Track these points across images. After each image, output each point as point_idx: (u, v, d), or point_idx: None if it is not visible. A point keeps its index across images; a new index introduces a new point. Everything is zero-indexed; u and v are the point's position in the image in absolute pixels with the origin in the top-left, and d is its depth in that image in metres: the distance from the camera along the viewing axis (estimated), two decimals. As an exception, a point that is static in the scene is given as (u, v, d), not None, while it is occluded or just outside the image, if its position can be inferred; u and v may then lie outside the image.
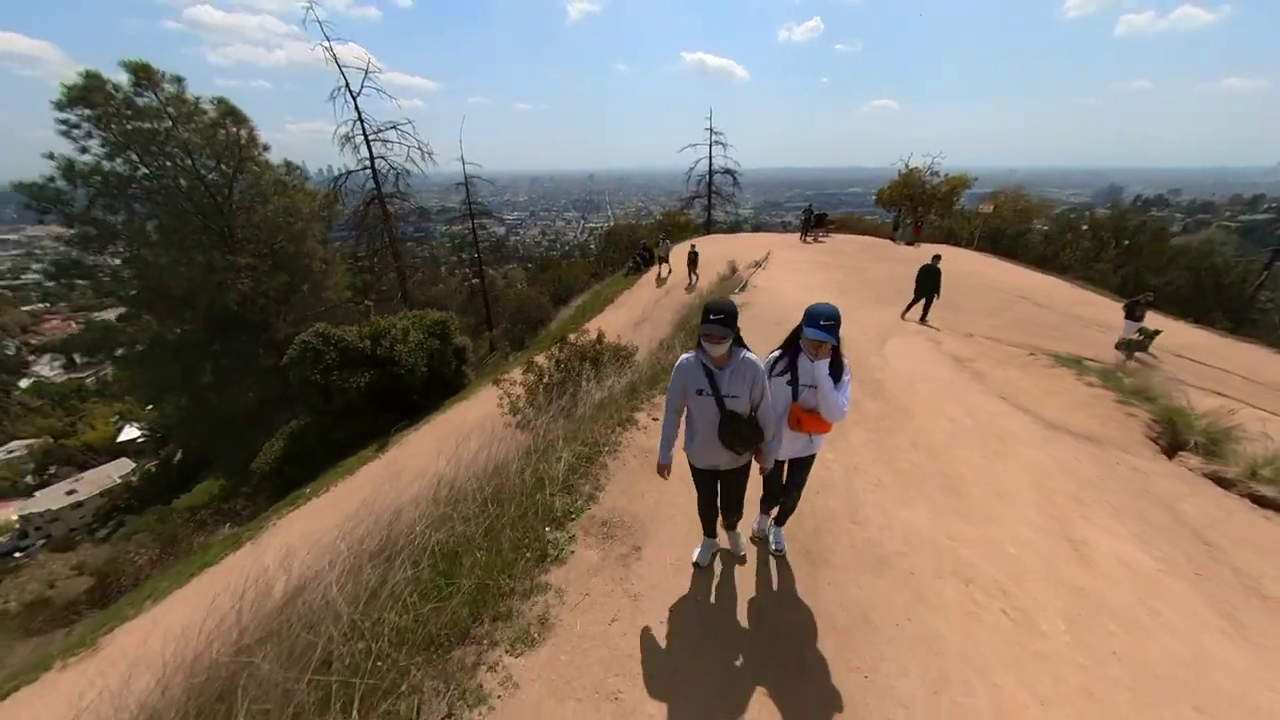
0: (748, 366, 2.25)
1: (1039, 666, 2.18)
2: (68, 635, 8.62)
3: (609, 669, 2.02)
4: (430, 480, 3.58)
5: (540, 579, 2.49)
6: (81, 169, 12.94)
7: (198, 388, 15.99)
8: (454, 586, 2.40)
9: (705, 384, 2.29)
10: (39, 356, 77.11)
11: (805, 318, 2.33)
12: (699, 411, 2.38)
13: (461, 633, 2.17)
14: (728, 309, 2.18)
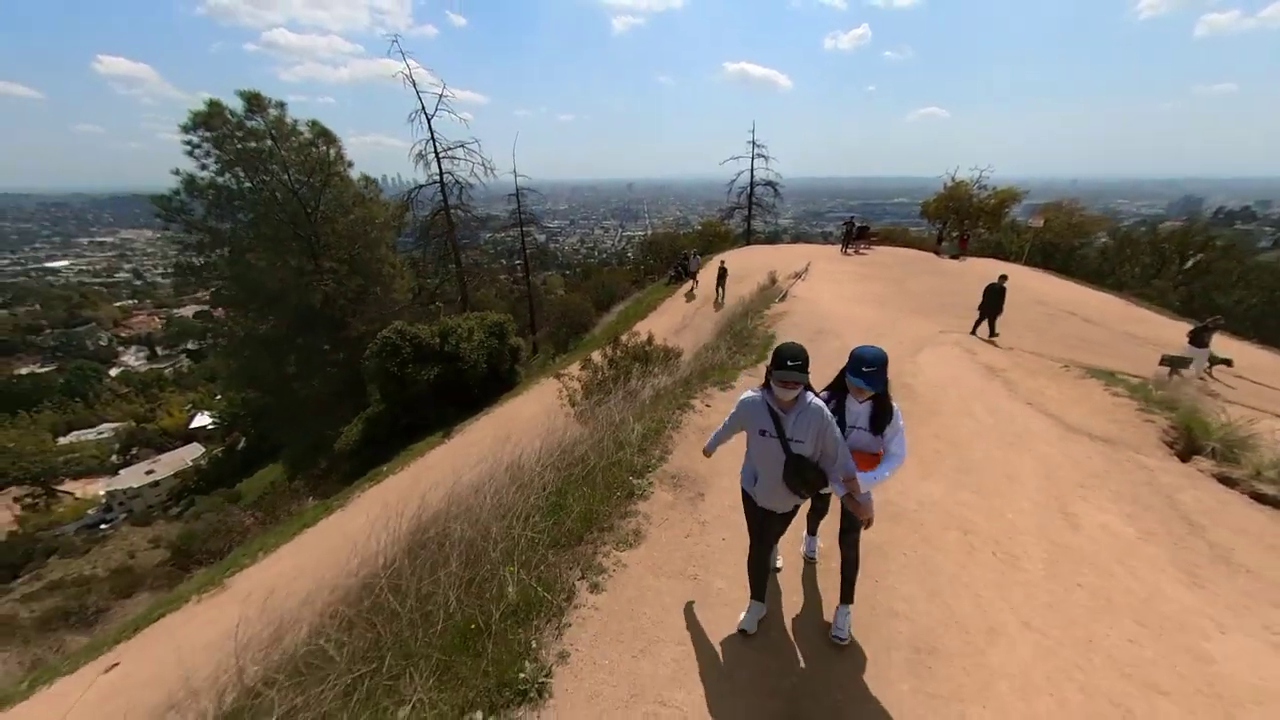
0: (814, 412, 2.20)
1: (1016, 589, 2.84)
2: (186, 581, 10.13)
3: (688, 562, 2.84)
4: (528, 449, 4.51)
5: (630, 508, 3.33)
6: (200, 184, 15.04)
7: (283, 377, 17.89)
8: (566, 511, 3.26)
9: (770, 426, 2.26)
10: (127, 347, 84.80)
11: (849, 362, 2.34)
12: (761, 452, 2.34)
13: (578, 538, 3.03)
14: (804, 355, 2.15)
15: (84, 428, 61.28)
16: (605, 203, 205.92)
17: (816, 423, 2.21)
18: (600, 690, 2.07)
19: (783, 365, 2.13)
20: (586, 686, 2.09)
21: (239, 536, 9.98)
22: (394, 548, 3.02)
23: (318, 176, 16.39)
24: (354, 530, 9.13)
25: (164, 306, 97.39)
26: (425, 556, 2.78)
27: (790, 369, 2.11)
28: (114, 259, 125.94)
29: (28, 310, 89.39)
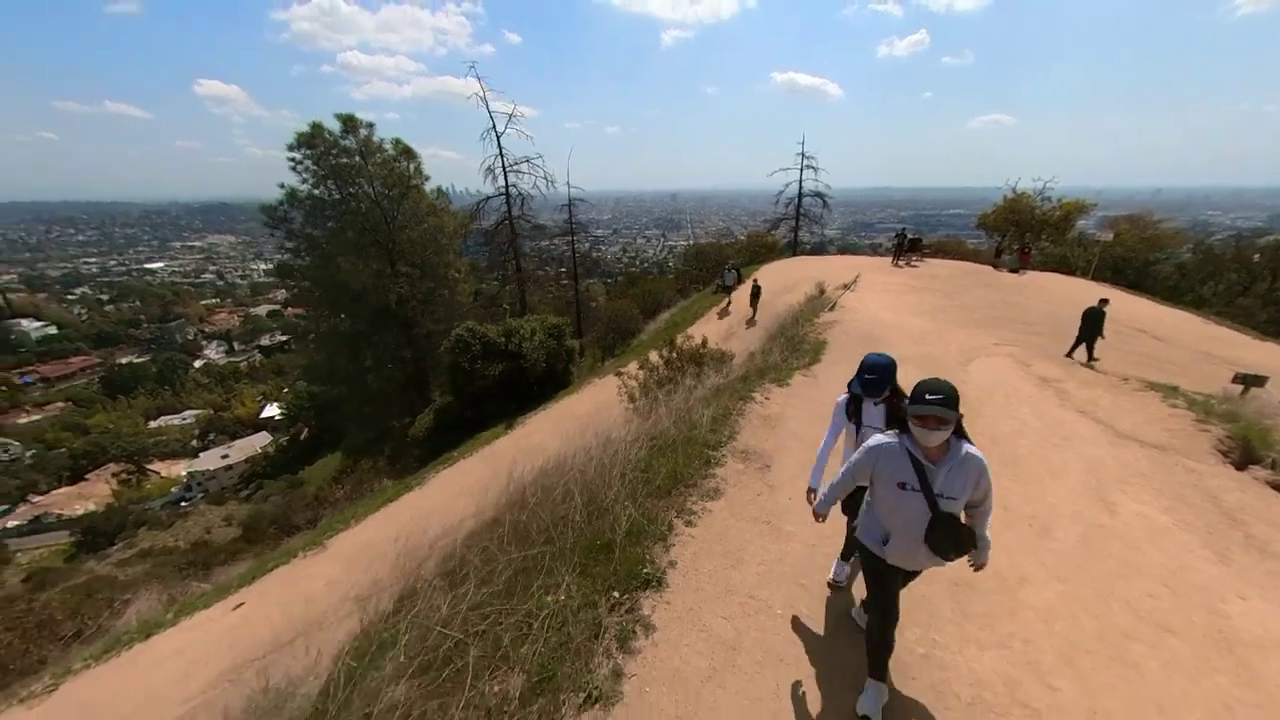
0: (972, 464, 1.95)
1: (1047, 553, 3.28)
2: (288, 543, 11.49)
3: (761, 512, 3.45)
4: (613, 429, 5.23)
5: (708, 472, 3.97)
6: (299, 195, 16.99)
7: (359, 370, 19.65)
8: (655, 473, 3.94)
9: (912, 478, 1.99)
10: (209, 342, 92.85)
11: (859, 368, 2.50)
12: (896, 507, 2.06)
13: (667, 492, 3.70)
14: (948, 390, 1.89)
15: (170, 413, 67.59)
16: (648, 212, 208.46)
17: (974, 473, 1.94)
18: (703, 586, 2.71)
19: (920, 400, 1.86)
20: (693, 583, 2.73)
21: (330, 507, 11.28)
22: (520, 492, 3.78)
23: (398, 189, 18.11)
24: (429, 507, 10.19)
25: (242, 305, 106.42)
26: (551, 496, 3.53)
27: (930, 403, 1.84)
28: (201, 261, 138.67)
29: (129, 306, 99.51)
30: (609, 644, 2.26)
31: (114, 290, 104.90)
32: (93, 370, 78.06)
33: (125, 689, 6.55)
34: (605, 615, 2.42)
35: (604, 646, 2.25)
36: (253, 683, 4.08)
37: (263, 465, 45.27)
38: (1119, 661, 2.42)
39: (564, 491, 3.42)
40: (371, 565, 7.39)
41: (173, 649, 7.36)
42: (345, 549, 9.06)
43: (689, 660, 2.28)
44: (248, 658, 6.40)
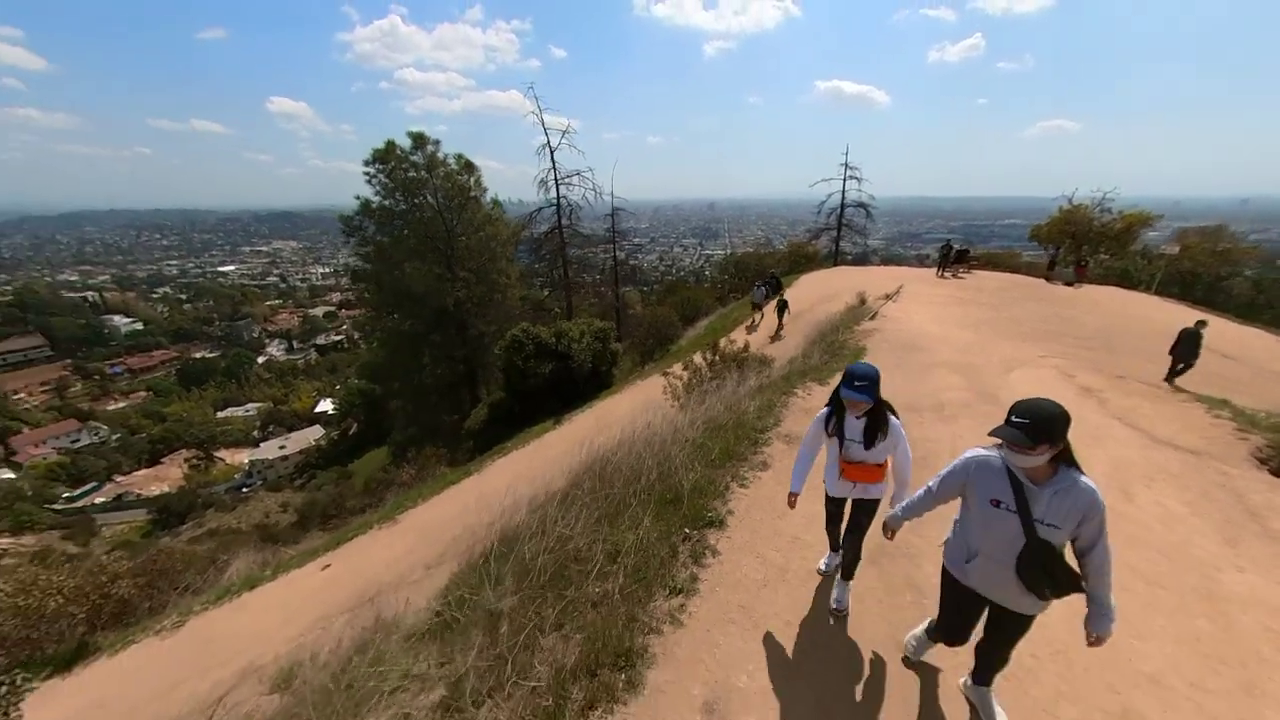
0: (1081, 495, 1.77)
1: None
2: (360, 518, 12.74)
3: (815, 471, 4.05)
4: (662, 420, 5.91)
5: (756, 451, 4.59)
6: (372, 206, 18.69)
7: (419, 367, 21.18)
8: (709, 449, 4.58)
9: (1008, 497, 1.83)
10: (271, 340, 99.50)
11: (843, 376, 2.41)
12: (985, 525, 1.91)
13: (721, 464, 4.34)
14: (1039, 412, 1.70)
15: (235, 405, 72.88)
16: (685, 221, 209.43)
17: (1084, 508, 1.75)
18: (757, 529, 3.33)
19: (1008, 421, 1.72)
20: (748, 526, 3.36)
21: (398, 488, 12.44)
22: (597, 460, 4.51)
23: (458, 200, 19.58)
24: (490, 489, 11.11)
25: (301, 306, 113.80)
26: (626, 461, 4.24)
27: (1015, 425, 1.68)
28: (266, 265, 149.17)
29: (204, 305, 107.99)
30: (685, 559, 2.93)
31: (191, 290, 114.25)
32: (171, 363, 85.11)
33: (238, 628, 7.64)
34: (680, 544, 3.08)
35: (681, 561, 2.91)
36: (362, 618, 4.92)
37: (315, 457, 48.32)
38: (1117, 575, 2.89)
39: (636, 457, 4.11)
40: (442, 538, 8.32)
41: (274, 600, 8.48)
42: (416, 524, 10.08)
43: (748, 574, 2.90)
44: (339, 609, 7.38)
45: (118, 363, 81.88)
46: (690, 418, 5.13)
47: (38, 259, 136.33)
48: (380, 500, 12.99)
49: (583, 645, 2.25)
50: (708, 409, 5.48)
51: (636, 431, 5.02)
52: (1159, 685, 2.42)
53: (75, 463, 55.78)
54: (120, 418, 66.81)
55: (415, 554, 8.70)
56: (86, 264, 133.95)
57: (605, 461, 4.42)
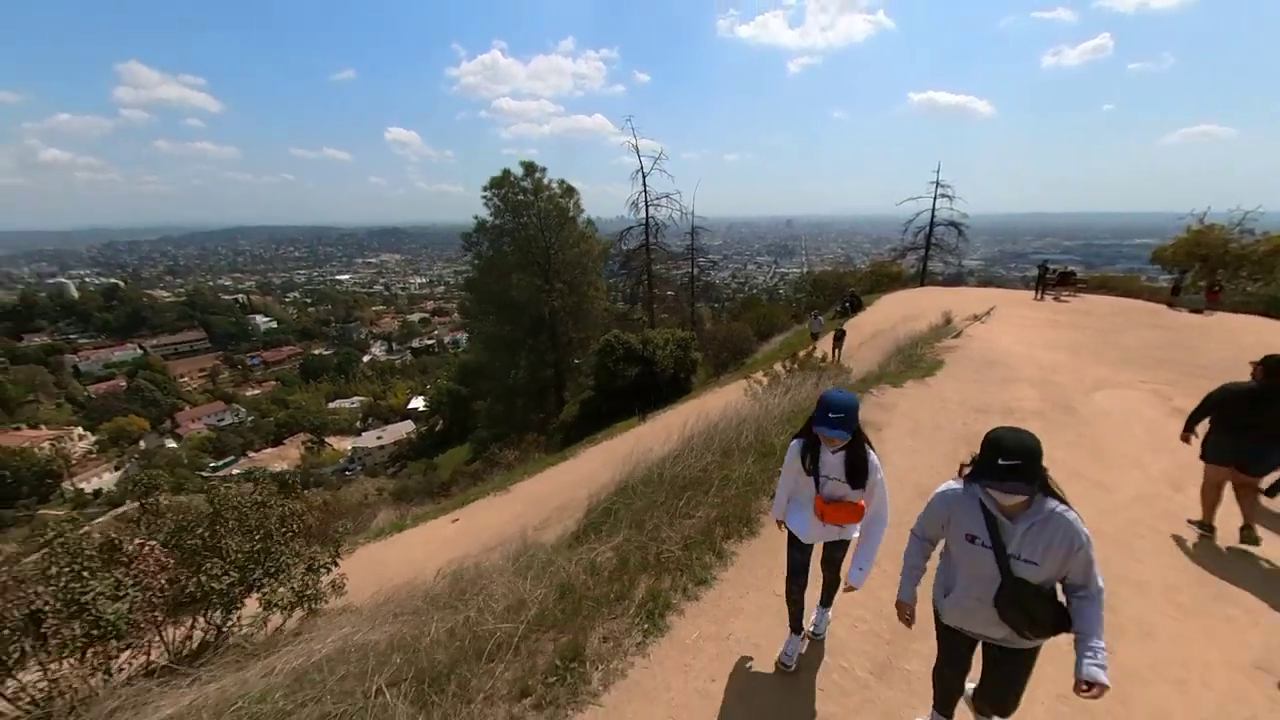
0: (1058, 525, 1.67)
1: (1104, 499, 4.39)
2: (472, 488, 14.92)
3: (882, 446, 5.02)
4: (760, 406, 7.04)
5: (835, 429, 5.60)
6: (486, 225, 21.57)
7: (516, 367, 23.74)
8: (795, 424, 5.65)
9: (982, 531, 1.77)
10: (375, 341, 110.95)
11: (817, 406, 2.17)
12: (964, 559, 1.85)
13: (805, 436, 5.41)
14: (1027, 448, 1.60)
15: (343, 398, 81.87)
16: (760, 238, 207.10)
17: (1063, 542, 1.66)
18: None
19: (993, 464, 1.60)
20: None
21: (505, 467, 14.46)
22: (701, 430, 5.75)
23: (558, 219, 21.99)
24: (588, 470, 12.64)
25: (401, 312, 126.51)
26: (728, 429, 5.43)
27: (1004, 467, 1.58)
28: (374, 274, 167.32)
29: (323, 309, 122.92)
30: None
31: (314, 295, 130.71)
32: (295, 358, 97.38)
33: (397, 556, 9.58)
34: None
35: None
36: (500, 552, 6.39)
37: (406, 448, 53.37)
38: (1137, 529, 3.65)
39: (736, 427, 5.30)
40: (547, 506, 9.89)
41: (418, 541, 10.46)
42: (524, 494, 11.82)
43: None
44: (471, 552, 9.10)
45: (256, 355, 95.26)
46: (778, 402, 6.22)
47: (203, 267, 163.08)
48: (486, 476, 15.09)
49: (719, 508, 3.47)
50: (791, 398, 6.53)
51: (733, 411, 6.20)
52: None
53: (220, 438, 65.56)
54: (254, 403, 77.51)
55: (524, 517, 10.32)
56: (238, 271, 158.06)
57: (711, 428, 5.64)
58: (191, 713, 2.60)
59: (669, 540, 3.35)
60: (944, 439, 5.71)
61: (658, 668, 2.48)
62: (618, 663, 2.48)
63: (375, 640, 2.99)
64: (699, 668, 2.52)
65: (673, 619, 2.77)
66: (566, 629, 2.58)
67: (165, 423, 67.96)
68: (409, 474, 36.64)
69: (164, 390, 72.76)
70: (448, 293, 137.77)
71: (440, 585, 4.64)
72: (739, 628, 2.73)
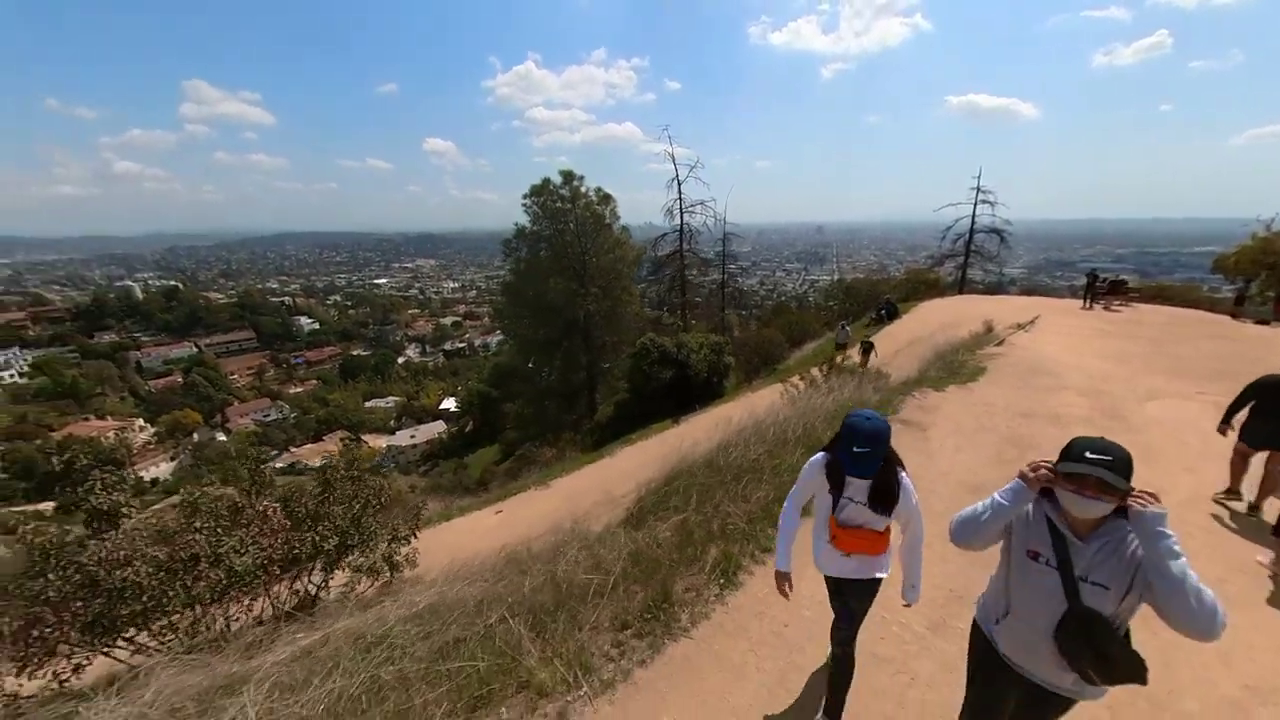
0: (1135, 547, 1.45)
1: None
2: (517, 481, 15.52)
3: (924, 443, 5.22)
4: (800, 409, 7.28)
5: (879, 427, 5.80)
6: (525, 231, 22.41)
7: (552, 368, 24.45)
8: (838, 424, 5.89)
9: (1047, 548, 1.55)
10: (410, 343, 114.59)
11: (841, 432, 1.96)
12: (1021, 580, 1.62)
13: (850, 433, 5.64)
14: (1119, 452, 1.44)
15: (379, 397, 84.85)
16: (790, 245, 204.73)
17: (1133, 564, 1.45)
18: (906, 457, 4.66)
19: (1078, 457, 1.44)
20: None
21: (542, 465, 15.00)
22: (749, 423, 6.04)
23: (594, 226, 22.66)
24: (626, 468, 12.96)
25: (434, 316, 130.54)
26: (775, 425, 5.71)
27: (1094, 463, 1.41)
28: (410, 279, 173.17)
29: (362, 311, 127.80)
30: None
31: (354, 299, 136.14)
32: (336, 358, 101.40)
33: (446, 543, 10.09)
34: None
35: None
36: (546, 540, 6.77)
37: (438, 448, 54.96)
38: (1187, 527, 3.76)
39: (783, 423, 5.58)
40: (585, 501, 10.26)
41: (464, 529, 11.01)
42: (563, 490, 12.27)
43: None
44: (520, 539, 9.54)
45: (299, 355, 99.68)
46: (821, 402, 6.46)
47: (253, 270, 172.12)
48: (524, 473, 15.66)
49: (776, 490, 3.77)
50: (835, 398, 6.75)
51: (776, 410, 6.47)
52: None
53: (265, 433, 68.78)
54: (297, 400, 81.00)
55: (564, 511, 10.72)
56: (284, 275, 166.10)
57: (758, 423, 5.93)
58: (328, 643, 3.04)
59: (733, 515, 3.66)
60: (988, 441, 5.82)
61: (736, 614, 2.81)
62: (701, 607, 2.83)
63: (470, 593, 3.40)
64: (772, 615, 2.84)
65: (743, 577, 3.09)
66: (649, 583, 2.92)
67: (216, 417, 71.85)
68: (440, 472, 37.85)
69: (216, 386, 77.03)
70: (479, 297, 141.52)
71: (509, 558, 5.06)
72: (803, 589, 2.99)
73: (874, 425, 1.85)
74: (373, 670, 2.34)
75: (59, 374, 68.33)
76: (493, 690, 2.14)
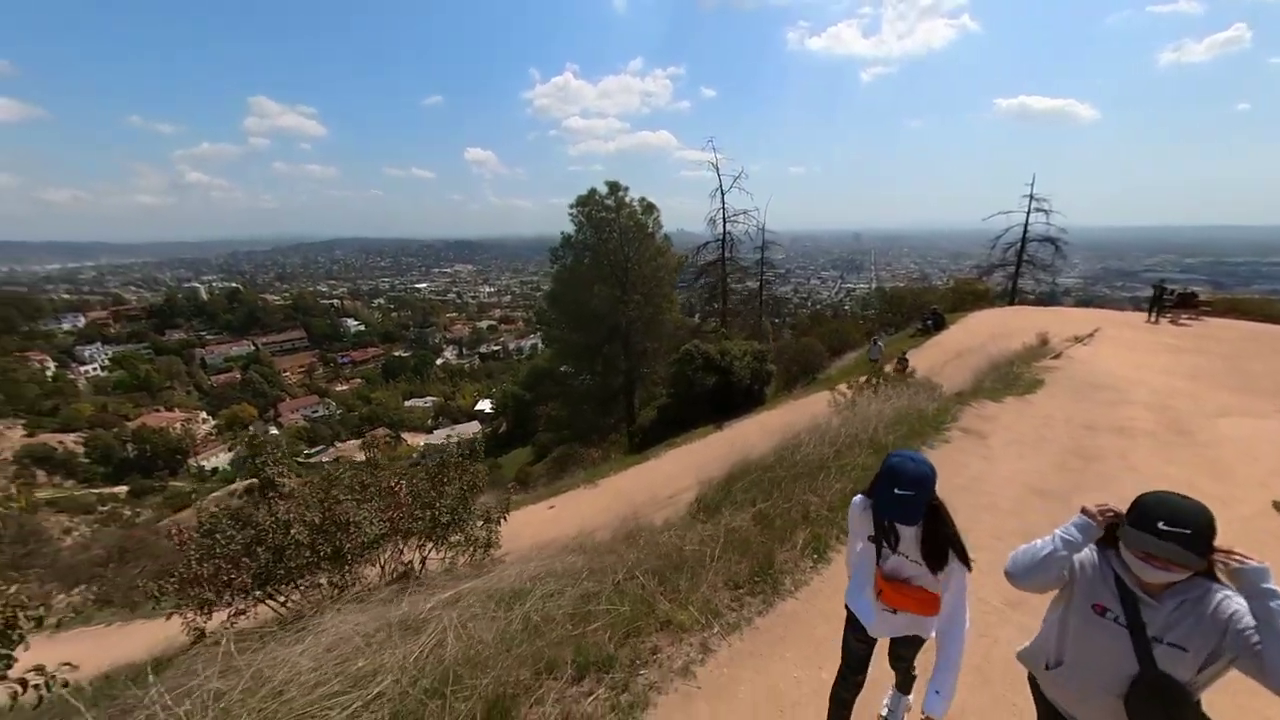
0: (1221, 609, 1.31)
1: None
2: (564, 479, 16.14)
3: (987, 450, 5.43)
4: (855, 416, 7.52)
5: (939, 436, 6.01)
6: (571, 239, 23.29)
7: (593, 373, 25.17)
8: (896, 431, 6.11)
9: (1115, 604, 1.41)
10: (447, 345, 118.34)
11: (880, 473, 1.76)
12: (1083, 634, 1.49)
13: (909, 438, 5.86)
14: (1198, 521, 1.27)
15: (418, 397, 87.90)
16: (825, 253, 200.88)
17: (1221, 621, 1.30)
18: (944, 467, 4.87)
19: (1149, 527, 1.28)
20: (956, 458, 4.91)
21: (588, 465, 15.60)
22: (810, 426, 6.35)
23: (637, 235, 23.31)
24: (670, 471, 13.31)
25: (471, 319, 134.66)
26: (834, 430, 6.01)
27: (1165, 538, 1.26)
28: (448, 283, 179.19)
29: (404, 314, 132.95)
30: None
31: (397, 302, 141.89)
32: (378, 359, 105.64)
33: (510, 530, 10.61)
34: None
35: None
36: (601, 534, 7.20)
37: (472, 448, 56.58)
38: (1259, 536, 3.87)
39: (842, 426, 5.87)
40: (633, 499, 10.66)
41: (521, 521, 11.56)
42: (611, 489, 12.75)
43: (951, 480, 4.48)
44: (569, 534, 10.01)
45: (345, 355, 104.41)
46: (878, 409, 6.70)
47: (305, 274, 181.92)
48: (569, 472, 16.29)
49: (854, 484, 4.10)
50: (892, 405, 6.98)
51: (831, 415, 6.75)
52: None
53: (313, 428, 72.27)
54: (342, 398, 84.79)
55: (614, 509, 11.16)
56: (333, 279, 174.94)
57: (816, 427, 6.23)
58: (464, 595, 3.55)
59: (814, 505, 4.02)
60: (1050, 450, 5.93)
61: (831, 582, 3.17)
62: (800, 575, 3.20)
63: (576, 563, 3.87)
64: (865, 586, 3.20)
65: (833, 555, 3.44)
66: (748, 556, 3.32)
67: (270, 412, 76.01)
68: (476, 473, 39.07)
69: (270, 383, 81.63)
70: (514, 302, 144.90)
71: (587, 541, 5.54)
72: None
73: (919, 468, 1.68)
74: (524, 613, 2.81)
75: (135, 368, 74.10)
76: (639, 626, 2.59)
